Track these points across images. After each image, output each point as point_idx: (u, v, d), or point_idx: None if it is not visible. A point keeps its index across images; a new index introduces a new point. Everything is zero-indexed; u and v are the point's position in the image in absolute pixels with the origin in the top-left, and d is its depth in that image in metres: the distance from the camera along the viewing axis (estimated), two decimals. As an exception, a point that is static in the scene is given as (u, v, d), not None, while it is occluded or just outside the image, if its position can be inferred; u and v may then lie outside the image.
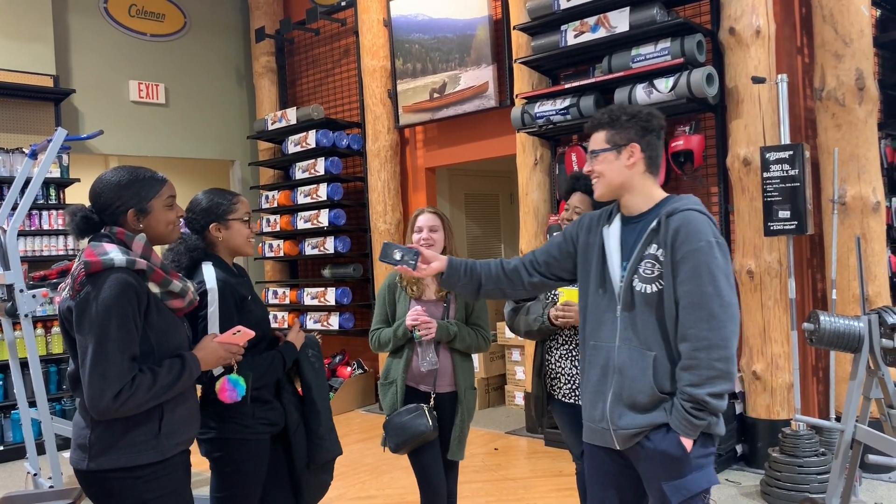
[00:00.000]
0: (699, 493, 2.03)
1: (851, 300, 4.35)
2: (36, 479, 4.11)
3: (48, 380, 5.86)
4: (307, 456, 2.59)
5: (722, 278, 1.98)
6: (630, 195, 2.14)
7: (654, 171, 2.14)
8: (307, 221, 6.93)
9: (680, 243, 2.00)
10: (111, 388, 1.86)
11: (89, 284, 1.92)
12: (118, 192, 2.03)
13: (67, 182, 6.30)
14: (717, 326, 1.95)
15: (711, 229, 2.02)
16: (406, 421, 2.87)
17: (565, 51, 5.05)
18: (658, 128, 2.13)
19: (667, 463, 2.04)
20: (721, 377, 1.95)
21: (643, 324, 2.07)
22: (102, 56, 7.02)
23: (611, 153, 2.13)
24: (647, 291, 2.06)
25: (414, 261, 2.28)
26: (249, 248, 2.59)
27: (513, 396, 6.44)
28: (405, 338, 2.95)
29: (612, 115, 2.15)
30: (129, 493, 1.96)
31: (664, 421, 2.04)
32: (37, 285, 4.18)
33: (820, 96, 4.41)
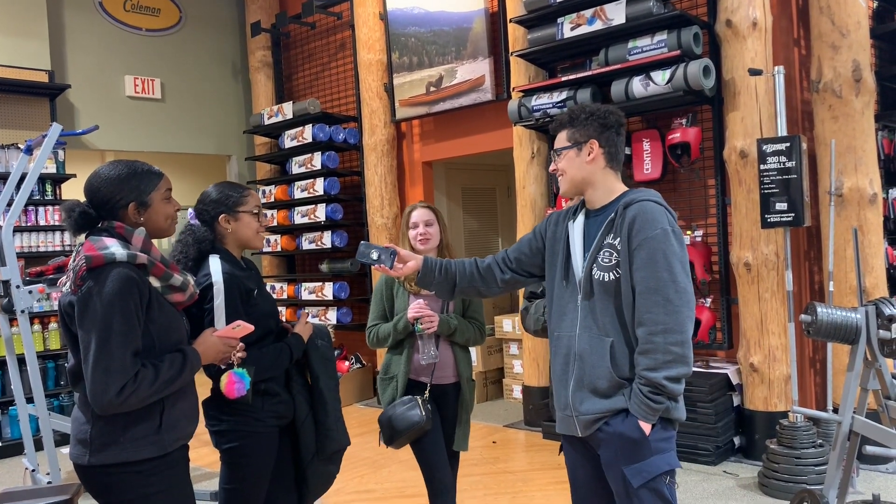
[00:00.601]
0: (659, 475, 2.07)
1: (848, 292, 4.35)
2: (34, 475, 4.11)
3: (45, 376, 5.85)
4: (315, 447, 2.60)
5: (677, 265, 2.04)
6: (592, 190, 2.22)
7: (614, 166, 2.22)
8: (304, 216, 6.92)
9: (636, 232, 2.07)
10: (115, 383, 1.86)
11: (91, 279, 1.91)
12: (118, 186, 2.02)
13: (63, 178, 6.28)
14: (673, 311, 2.01)
15: (667, 219, 2.09)
16: (399, 413, 2.87)
17: (562, 43, 5.04)
18: (616, 124, 2.21)
19: (626, 447, 2.09)
20: (677, 361, 2.00)
21: (602, 311, 2.13)
22: (98, 51, 7.00)
23: (572, 150, 2.21)
24: (606, 279, 2.12)
25: (390, 260, 2.33)
26: (259, 241, 2.60)
27: (511, 390, 6.44)
28: (405, 332, 2.95)
29: (572, 115, 2.23)
30: (130, 488, 1.96)
31: (623, 406, 2.09)
32: (33, 281, 4.17)
33: (817, 88, 4.40)
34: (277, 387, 2.52)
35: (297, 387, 2.60)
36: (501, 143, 5.99)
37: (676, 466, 2.11)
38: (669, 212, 2.13)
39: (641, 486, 2.07)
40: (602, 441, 2.14)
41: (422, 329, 2.91)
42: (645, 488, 2.07)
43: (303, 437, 2.58)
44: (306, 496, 2.67)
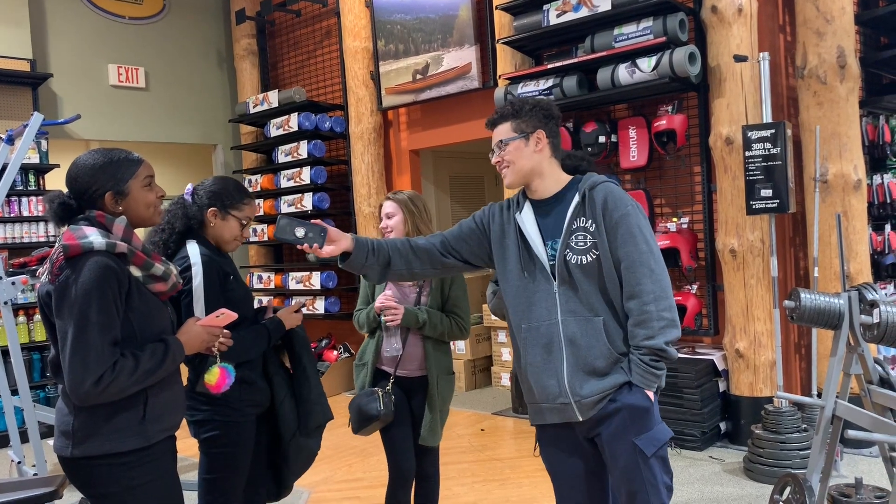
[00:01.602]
0: (666, 441, 2.15)
1: (833, 277, 4.38)
2: (20, 466, 4.09)
3: (31, 367, 5.82)
4: (298, 423, 2.63)
5: (651, 237, 2.16)
6: (540, 179, 2.24)
7: (558, 155, 2.28)
8: (291, 205, 6.89)
9: (610, 210, 2.14)
10: (92, 373, 1.83)
11: (69, 268, 1.88)
12: (94, 174, 1.99)
13: (47, 168, 6.22)
14: (657, 279, 2.11)
15: (626, 197, 2.19)
16: (361, 404, 2.91)
17: (548, 30, 5.03)
18: (557, 116, 2.28)
19: (636, 417, 2.12)
20: (670, 325, 2.10)
21: (585, 293, 2.16)
22: (80, 39, 6.92)
23: (520, 140, 2.23)
24: (584, 262, 2.16)
25: (321, 239, 2.17)
26: (233, 246, 2.64)
27: (499, 377, 6.46)
28: (376, 321, 2.99)
29: (516, 107, 2.26)
30: (114, 480, 1.94)
31: (626, 380, 2.14)
32: (16, 272, 4.14)
33: (802, 74, 4.41)
34: (254, 375, 2.53)
35: (273, 368, 2.63)
36: (488, 131, 5.96)
37: (671, 433, 2.20)
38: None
39: (654, 454, 2.12)
40: (606, 417, 2.14)
41: (385, 321, 2.93)
42: (654, 457, 2.12)
43: (282, 416, 2.60)
44: (287, 476, 2.68)
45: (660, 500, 2.12)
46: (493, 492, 4.10)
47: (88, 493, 1.99)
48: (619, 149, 4.95)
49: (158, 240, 2.52)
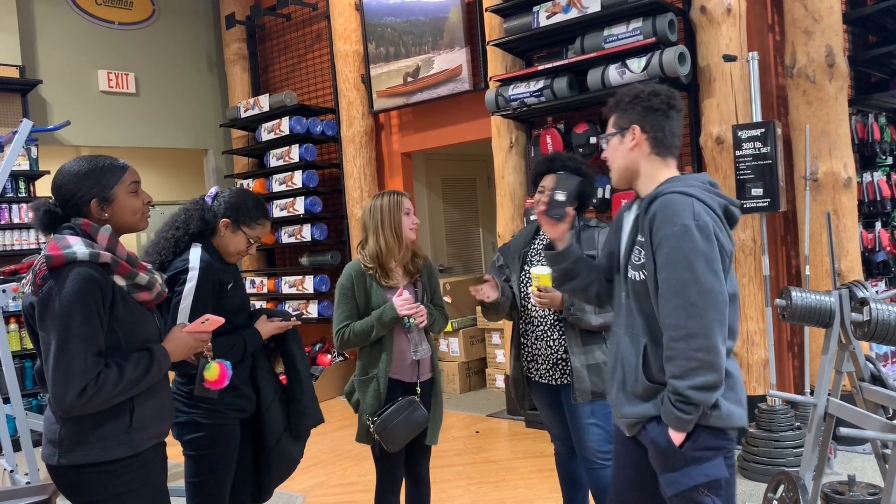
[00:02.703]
0: (695, 486, 1.94)
1: (825, 275, 4.39)
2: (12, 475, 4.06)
3: (23, 375, 5.79)
4: (289, 425, 2.64)
5: (700, 264, 1.86)
6: (638, 179, 2.09)
7: (662, 152, 2.06)
8: (283, 209, 6.88)
9: (656, 229, 1.93)
10: (75, 385, 1.83)
11: (51, 279, 1.87)
12: (78, 182, 1.98)
13: (37, 175, 6.20)
14: (695, 314, 1.85)
15: (692, 212, 1.89)
16: (405, 418, 2.78)
17: (538, 32, 5.03)
18: (664, 106, 2.04)
19: (659, 455, 2.00)
20: (703, 368, 1.85)
21: (637, 311, 2.04)
22: (69, 45, 6.89)
23: (616, 137, 2.09)
24: (637, 279, 2.02)
25: (562, 211, 2.19)
26: (235, 259, 2.64)
27: (493, 379, 6.46)
28: (391, 326, 2.84)
29: (617, 98, 2.10)
30: (100, 488, 1.94)
31: (656, 413, 1.98)
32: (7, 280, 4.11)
33: (791, 73, 4.43)
34: (239, 381, 2.53)
35: (262, 373, 2.63)
36: (480, 133, 5.98)
37: (718, 477, 1.94)
38: (706, 200, 1.93)
39: (676, 495, 1.98)
40: (645, 444, 2.07)
41: (414, 324, 2.83)
42: (679, 498, 1.97)
43: (268, 422, 2.61)
44: (268, 483, 2.68)
45: None
46: (488, 494, 4.10)
47: (76, 500, 1.98)
48: (610, 149, 4.95)
49: (171, 236, 2.52)
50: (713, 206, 1.94)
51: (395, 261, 2.91)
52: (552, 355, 2.90)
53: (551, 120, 5.36)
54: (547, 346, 2.90)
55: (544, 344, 2.91)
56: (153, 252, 2.51)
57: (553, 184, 2.24)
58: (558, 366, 2.90)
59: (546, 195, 2.21)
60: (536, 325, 2.93)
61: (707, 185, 2.01)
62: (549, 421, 3.09)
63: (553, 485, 4.09)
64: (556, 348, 2.89)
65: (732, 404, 1.96)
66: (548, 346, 2.90)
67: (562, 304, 2.80)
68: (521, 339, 2.99)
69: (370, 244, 2.90)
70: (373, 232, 2.89)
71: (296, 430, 2.65)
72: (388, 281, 2.89)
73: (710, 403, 1.89)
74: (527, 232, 3.09)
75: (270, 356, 2.73)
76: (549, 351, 2.90)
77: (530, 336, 2.95)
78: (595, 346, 2.85)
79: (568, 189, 2.19)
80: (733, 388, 1.97)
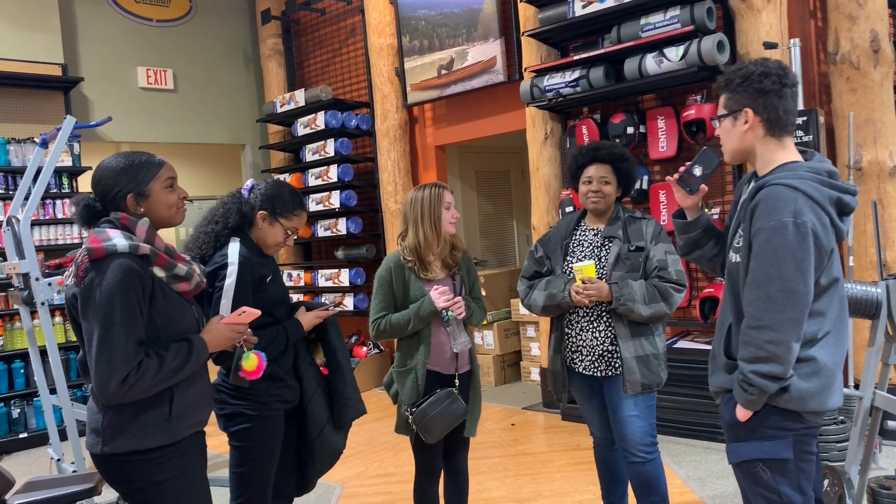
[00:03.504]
0: (752, 460, 2.02)
1: (869, 266, 4.30)
2: (59, 464, 4.17)
3: (68, 366, 5.93)
4: (332, 416, 2.66)
5: (788, 262, 1.88)
6: (753, 159, 2.11)
7: (777, 132, 2.04)
8: (319, 203, 6.93)
9: (755, 219, 1.95)
10: (117, 373, 1.87)
11: (93, 271, 1.92)
12: (116, 177, 2.03)
13: (79, 170, 6.32)
14: (773, 309, 1.90)
15: (794, 208, 1.89)
16: (444, 410, 2.78)
17: (573, 22, 4.99)
18: (776, 87, 2.01)
19: (724, 425, 2.12)
20: (770, 359, 1.91)
21: (728, 291, 2.12)
22: (110, 43, 7.02)
23: (728, 119, 2.09)
24: (734, 261, 2.08)
25: (697, 185, 2.23)
26: (272, 251, 2.65)
27: (528, 372, 6.44)
28: (429, 319, 2.84)
29: (728, 78, 2.09)
30: (141, 476, 1.99)
31: (730, 387, 2.08)
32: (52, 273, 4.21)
33: (834, 60, 4.33)
34: (282, 372, 2.56)
35: (304, 364, 2.65)
36: (514, 125, 5.96)
37: (777, 456, 1.99)
38: (813, 195, 1.92)
39: (736, 464, 2.09)
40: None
41: (454, 316, 2.83)
42: (738, 467, 2.09)
43: (311, 412, 2.63)
44: (312, 474, 2.70)
45: None
46: (524, 486, 4.09)
47: (118, 488, 2.04)
48: (647, 139, 4.90)
49: (211, 231, 2.55)
50: (821, 201, 1.93)
51: (433, 254, 2.90)
52: (598, 347, 2.87)
53: (587, 110, 5.31)
54: (593, 338, 2.88)
55: (590, 335, 2.89)
56: (193, 247, 2.55)
57: (696, 158, 2.27)
58: (604, 357, 2.87)
59: (684, 166, 2.25)
60: (582, 316, 2.90)
61: (823, 175, 1.98)
62: (588, 413, 3.06)
63: (590, 478, 4.07)
64: (601, 339, 2.87)
65: (812, 389, 1.97)
66: (594, 338, 2.88)
67: (610, 295, 2.77)
68: (565, 329, 2.96)
69: (410, 236, 2.89)
70: (412, 224, 2.88)
71: (338, 421, 2.67)
72: (426, 274, 2.88)
73: (771, 391, 1.95)
74: (567, 223, 3.07)
75: (310, 348, 2.75)
76: (595, 342, 2.87)
77: (575, 327, 2.92)
78: (644, 338, 2.82)
79: (709, 165, 2.22)
80: (817, 374, 1.98)
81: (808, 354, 1.97)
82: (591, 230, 2.98)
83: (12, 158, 6.00)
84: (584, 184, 2.93)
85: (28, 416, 5.83)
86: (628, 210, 2.98)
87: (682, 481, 3.94)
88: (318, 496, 4.12)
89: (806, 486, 2.03)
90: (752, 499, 2.08)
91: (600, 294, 2.77)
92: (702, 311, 4.67)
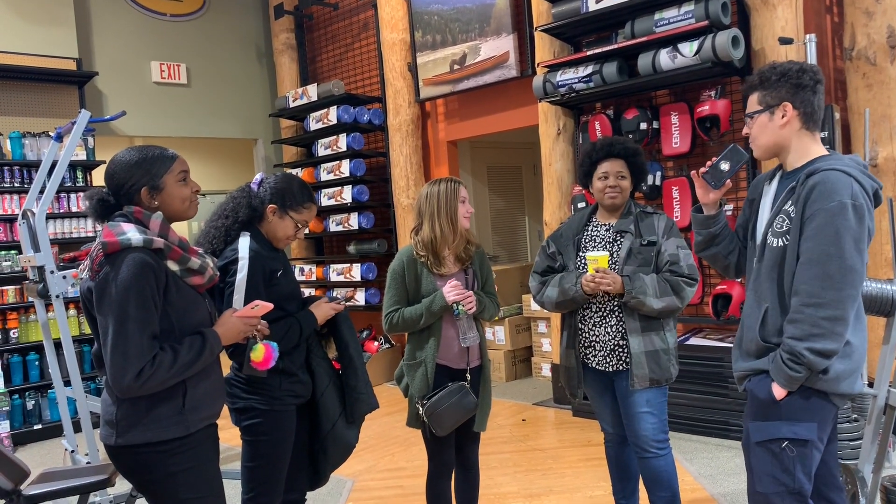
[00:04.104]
0: (779, 439, 2.09)
1: (884, 264, 4.26)
2: (73, 455, 4.20)
3: (82, 359, 5.98)
4: (344, 411, 2.67)
5: (848, 241, 1.97)
6: (786, 153, 2.18)
7: (811, 127, 2.15)
8: (331, 198, 6.95)
9: (812, 201, 2.02)
10: (132, 367, 1.89)
11: (107, 265, 1.94)
12: (129, 171, 2.04)
13: (94, 164, 6.36)
14: (832, 287, 1.97)
15: (851, 191, 1.99)
16: (455, 403, 2.80)
17: (587, 17, 4.97)
18: (812, 82, 2.12)
19: (755, 404, 2.15)
20: (826, 335, 1.97)
21: (765, 276, 2.16)
22: (123, 38, 7.06)
23: (764, 115, 2.17)
24: (775, 245, 2.13)
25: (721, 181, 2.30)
26: (282, 245, 2.65)
27: (539, 368, 6.44)
28: (441, 314, 2.85)
29: (763, 76, 2.17)
30: (155, 467, 2.00)
31: (765, 367, 2.13)
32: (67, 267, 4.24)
33: (850, 56, 4.29)
34: (295, 367, 2.56)
35: (316, 359, 2.66)
36: (527, 120, 5.94)
37: (805, 437, 2.07)
38: (862, 182, 2.03)
39: (759, 442, 2.12)
40: (748, 397, 2.22)
41: (464, 311, 2.83)
42: (761, 446, 2.12)
43: (323, 407, 2.63)
44: (324, 467, 2.71)
45: (764, 489, 2.13)
46: (535, 482, 4.09)
47: (132, 479, 2.05)
48: (661, 135, 4.88)
49: (221, 225, 2.55)
50: (868, 189, 2.05)
51: (448, 248, 2.91)
52: (610, 341, 2.87)
53: (600, 106, 5.29)
54: (605, 332, 2.87)
55: (603, 330, 2.88)
56: (204, 242, 2.55)
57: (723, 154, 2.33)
58: (615, 352, 2.87)
59: (711, 161, 2.31)
60: (595, 311, 2.90)
61: (862, 166, 2.10)
62: (600, 409, 3.06)
63: (601, 473, 4.06)
64: (613, 334, 2.86)
65: (844, 371, 2.06)
66: (606, 332, 2.87)
67: (622, 287, 2.76)
68: (578, 325, 2.96)
69: (425, 230, 2.89)
70: (428, 219, 2.88)
71: (351, 415, 2.67)
72: (439, 269, 2.89)
73: (821, 368, 2.01)
74: (578, 218, 3.06)
75: (322, 342, 2.75)
76: (608, 337, 2.87)
77: (588, 322, 2.92)
78: (654, 333, 2.82)
79: (735, 162, 2.28)
80: (850, 355, 2.07)
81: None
82: (603, 225, 2.97)
83: (27, 152, 6.04)
84: (601, 179, 2.92)
85: (42, 408, 5.88)
86: (640, 205, 2.98)
87: (693, 478, 3.93)
88: (330, 490, 4.14)
89: (811, 476, 2.12)
90: (762, 481, 2.13)
91: (614, 284, 2.76)
92: (714, 307, 4.65)
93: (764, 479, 2.12)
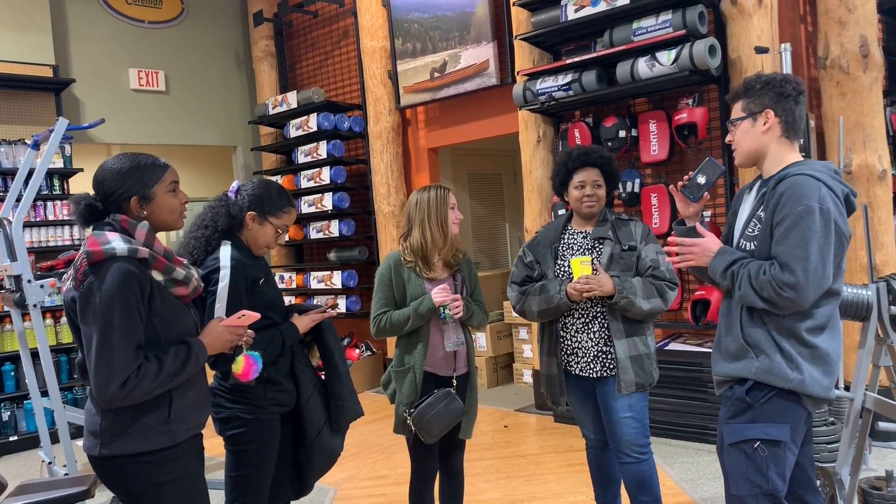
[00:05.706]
0: (751, 440, 2.13)
1: (859, 269, 4.33)
2: (51, 467, 4.15)
3: (59, 369, 5.90)
4: (329, 418, 2.66)
5: (814, 245, 2.01)
6: (764, 160, 2.22)
7: (791, 136, 2.20)
8: (311, 205, 6.93)
9: (781, 206, 2.06)
10: (117, 377, 1.87)
11: (92, 274, 1.92)
12: (120, 179, 2.02)
13: (71, 172, 6.30)
14: (795, 286, 2.01)
15: (819, 195, 2.03)
16: (442, 410, 2.80)
17: (566, 25, 5.01)
18: (794, 92, 2.18)
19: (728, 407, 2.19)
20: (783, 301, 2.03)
21: None
22: (101, 44, 7.00)
23: (747, 121, 2.22)
24: (746, 249, 2.19)
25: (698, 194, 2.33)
26: (262, 251, 2.64)
27: (521, 374, 6.46)
28: (428, 317, 2.86)
29: (748, 85, 2.22)
30: (141, 478, 1.98)
31: (748, 377, 2.14)
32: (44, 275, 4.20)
33: (824, 65, 4.37)
34: (279, 376, 2.55)
35: (301, 367, 2.64)
36: (507, 128, 5.98)
37: (777, 438, 2.12)
38: (832, 186, 2.07)
39: (732, 444, 2.16)
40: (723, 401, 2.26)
41: (450, 315, 2.84)
42: (734, 448, 2.16)
43: (308, 415, 2.62)
44: (309, 476, 2.70)
45: (738, 491, 2.16)
46: (518, 488, 4.10)
47: (117, 490, 2.03)
48: (639, 143, 4.93)
49: (201, 235, 2.53)
50: (837, 193, 2.08)
51: (438, 254, 2.92)
52: (593, 347, 2.88)
53: (579, 114, 5.33)
54: (588, 339, 2.89)
55: (586, 336, 2.89)
56: (184, 252, 2.53)
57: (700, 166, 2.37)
58: (599, 358, 2.88)
59: (688, 175, 2.36)
60: (577, 318, 2.91)
61: (832, 172, 2.14)
62: (581, 415, 3.07)
63: (583, 479, 4.08)
64: (596, 340, 2.88)
65: (818, 375, 2.11)
66: (589, 339, 2.88)
67: (613, 289, 2.77)
68: (560, 332, 2.97)
69: (414, 236, 2.90)
70: (418, 225, 2.89)
71: (336, 423, 2.66)
72: (428, 272, 2.90)
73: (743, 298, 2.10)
74: (554, 227, 3.07)
75: (306, 350, 2.75)
76: (591, 343, 2.88)
77: (570, 329, 2.92)
78: (638, 338, 2.84)
79: (712, 174, 2.32)
80: (823, 359, 2.11)
81: (814, 342, 2.09)
82: (579, 233, 2.99)
83: (3, 160, 5.97)
84: (577, 188, 2.93)
85: (18, 419, 5.80)
86: (614, 213, 3.01)
87: (674, 482, 3.96)
88: (312, 499, 4.12)
89: (786, 477, 2.15)
90: (737, 483, 2.17)
91: (603, 287, 2.76)
92: (693, 313, 4.69)
93: (739, 481, 2.16)
